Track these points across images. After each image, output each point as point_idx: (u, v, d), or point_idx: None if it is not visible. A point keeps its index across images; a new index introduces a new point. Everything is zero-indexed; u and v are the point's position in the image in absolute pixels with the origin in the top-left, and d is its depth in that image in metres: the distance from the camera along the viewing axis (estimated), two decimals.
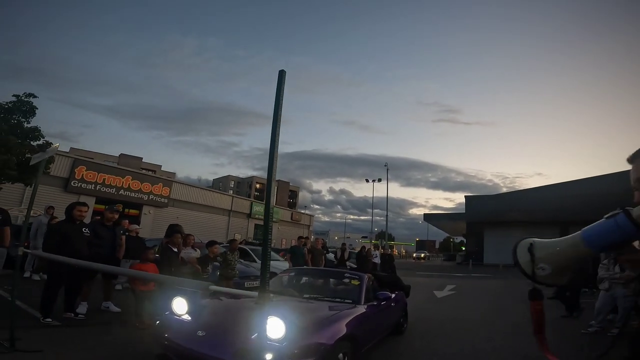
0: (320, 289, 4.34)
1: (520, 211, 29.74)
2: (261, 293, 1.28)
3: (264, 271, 1.29)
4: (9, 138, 9.56)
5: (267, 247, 1.33)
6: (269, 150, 1.41)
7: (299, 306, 3.18)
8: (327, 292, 4.12)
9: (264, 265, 1.32)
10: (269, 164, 1.36)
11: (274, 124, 1.37)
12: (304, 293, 3.90)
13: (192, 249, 5.73)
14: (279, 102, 1.40)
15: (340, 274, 4.75)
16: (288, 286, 4.25)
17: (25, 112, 10.64)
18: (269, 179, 1.34)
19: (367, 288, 4.02)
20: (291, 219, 37.70)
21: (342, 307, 3.37)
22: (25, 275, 7.12)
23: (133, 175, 23.50)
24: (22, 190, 17.11)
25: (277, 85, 1.42)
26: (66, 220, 4.28)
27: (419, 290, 11.27)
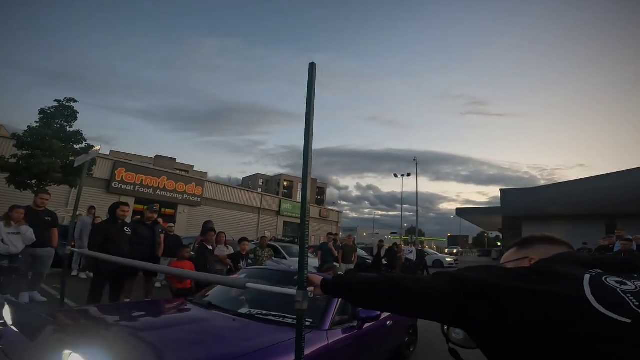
0: (272, 300, 2.82)
1: (562, 204, 28.11)
2: (299, 290, 1.26)
3: (301, 267, 1.28)
4: (53, 142, 10.16)
5: (305, 243, 1.32)
6: (303, 146, 1.40)
7: (194, 330, 2.15)
8: (282, 306, 2.65)
9: (302, 261, 1.31)
10: (304, 160, 1.34)
11: (307, 119, 1.36)
12: (246, 306, 2.72)
13: (225, 247, 5.91)
14: (311, 97, 1.38)
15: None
16: (229, 295, 2.99)
17: (67, 117, 11.25)
18: (305, 176, 1.33)
19: (343, 303, 2.72)
20: (319, 215, 37.85)
21: (285, 334, 2.08)
22: (73, 274, 7.55)
23: (168, 175, 24.48)
24: (67, 192, 18.34)
25: (308, 79, 1.40)
26: (109, 219, 4.51)
27: None
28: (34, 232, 4.72)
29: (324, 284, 1.20)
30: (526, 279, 0.75)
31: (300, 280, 1.32)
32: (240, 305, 2.69)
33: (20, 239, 4.61)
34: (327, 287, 1.18)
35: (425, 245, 23.96)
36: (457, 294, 0.77)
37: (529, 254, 0.94)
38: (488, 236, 71.39)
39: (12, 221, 4.57)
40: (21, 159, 10.20)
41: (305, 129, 1.40)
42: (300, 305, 1.30)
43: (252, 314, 2.49)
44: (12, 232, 4.56)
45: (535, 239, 0.98)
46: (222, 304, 2.71)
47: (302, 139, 1.41)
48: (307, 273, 1.32)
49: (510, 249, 1.02)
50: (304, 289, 1.30)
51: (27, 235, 4.64)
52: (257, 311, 2.54)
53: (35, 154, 9.92)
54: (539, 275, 0.75)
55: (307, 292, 1.29)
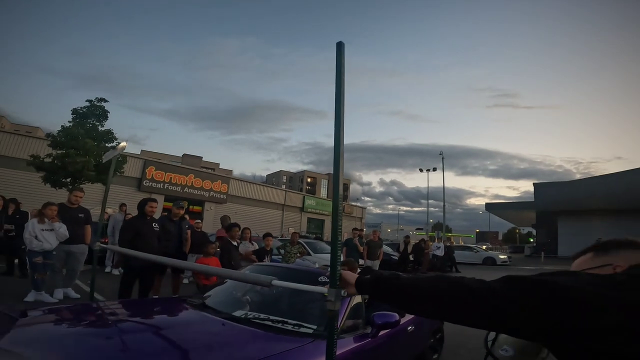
0: (274, 301, 2.57)
1: (601, 198, 26.41)
2: (331, 289, 1.12)
3: (333, 263, 1.14)
4: (86, 141, 10.55)
5: (337, 238, 1.18)
6: (330, 139, 1.24)
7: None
8: (283, 309, 2.43)
9: (334, 256, 1.17)
10: (334, 150, 1.19)
11: (337, 100, 1.20)
12: (247, 308, 2.40)
13: (250, 243, 5.88)
14: (341, 78, 1.21)
15: (310, 276, 2.71)
16: (232, 296, 2.69)
17: (98, 116, 11.64)
18: (336, 163, 1.18)
19: (355, 306, 2.36)
20: (343, 211, 37.45)
21: (278, 345, 1.80)
22: (107, 271, 7.76)
23: (195, 173, 25.09)
24: (102, 190, 19.14)
25: (337, 59, 1.23)
26: (139, 215, 4.55)
27: None
28: (67, 229, 4.81)
29: (359, 282, 1.05)
30: (629, 287, 0.66)
31: (332, 277, 1.17)
32: (240, 307, 2.35)
33: (54, 236, 4.70)
34: (364, 287, 1.02)
35: (453, 241, 22.78)
36: (545, 302, 0.67)
37: (613, 260, 0.82)
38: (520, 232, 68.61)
39: (45, 218, 4.65)
40: (56, 158, 10.67)
41: (335, 113, 1.23)
42: (332, 305, 1.14)
43: (247, 317, 2.15)
44: (46, 229, 4.65)
45: (621, 243, 0.84)
46: (220, 305, 2.41)
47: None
48: (340, 270, 1.16)
49: (584, 255, 0.90)
50: (336, 287, 1.14)
51: (61, 232, 4.71)
52: (256, 315, 2.18)
53: (69, 153, 10.34)
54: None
55: (340, 290, 1.14)
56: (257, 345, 1.77)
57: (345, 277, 1.12)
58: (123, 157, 12.58)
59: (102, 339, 1.73)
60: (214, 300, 2.56)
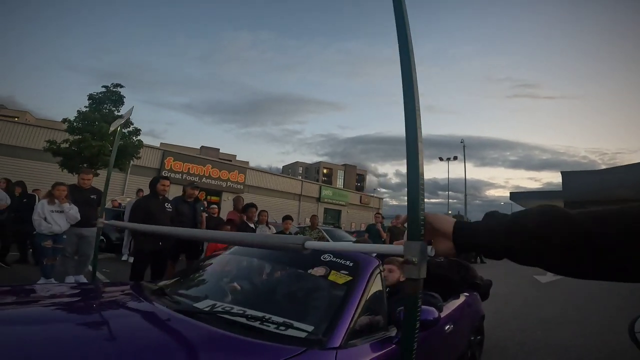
0: (266, 291, 1.92)
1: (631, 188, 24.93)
2: (410, 241, 0.71)
3: (414, 204, 0.75)
4: (102, 125, 10.51)
5: (418, 167, 0.78)
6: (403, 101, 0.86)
7: None
8: (276, 302, 1.76)
9: (414, 194, 0.78)
10: (406, 125, 0.79)
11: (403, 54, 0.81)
12: (223, 297, 1.77)
13: (266, 227, 5.57)
14: (406, 32, 0.83)
15: (314, 254, 1.90)
16: (205, 279, 2.08)
17: (114, 102, 11.62)
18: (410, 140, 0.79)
19: (372, 296, 1.75)
20: (360, 202, 37.15)
21: (242, 356, 1.22)
22: (123, 259, 7.62)
23: (212, 163, 25.18)
24: (122, 180, 19.42)
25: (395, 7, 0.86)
26: (150, 195, 4.31)
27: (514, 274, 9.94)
28: (79, 211, 4.60)
29: (459, 229, 0.65)
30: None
31: (413, 223, 0.73)
32: (215, 297, 1.70)
33: (64, 218, 4.47)
34: (472, 236, 0.63)
35: None
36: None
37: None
38: None
39: (55, 199, 4.43)
40: (72, 143, 10.67)
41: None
42: (415, 270, 0.69)
43: (214, 311, 1.51)
44: (55, 210, 4.43)
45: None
46: (186, 293, 1.84)
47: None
48: (424, 212, 0.74)
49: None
50: (419, 238, 0.71)
51: (71, 214, 4.48)
52: (228, 307, 1.55)
53: (85, 137, 10.32)
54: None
55: (426, 245, 0.70)
56: (201, 354, 1.16)
57: (434, 223, 0.70)
58: (139, 142, 12.52)
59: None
60: (183, 286, 1.95)
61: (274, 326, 1.36)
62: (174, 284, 1.98)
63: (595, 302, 6.26)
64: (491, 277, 3.36)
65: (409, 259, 0.69)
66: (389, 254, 0.69)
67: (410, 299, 0.78)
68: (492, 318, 4.64)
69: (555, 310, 5.44)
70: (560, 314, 5.15)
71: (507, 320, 4.64)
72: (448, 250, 0.68)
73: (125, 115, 3.29)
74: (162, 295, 1.74)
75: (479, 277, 3.11)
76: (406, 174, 0.76)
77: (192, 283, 2.00)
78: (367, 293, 1.59)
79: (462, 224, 0.66)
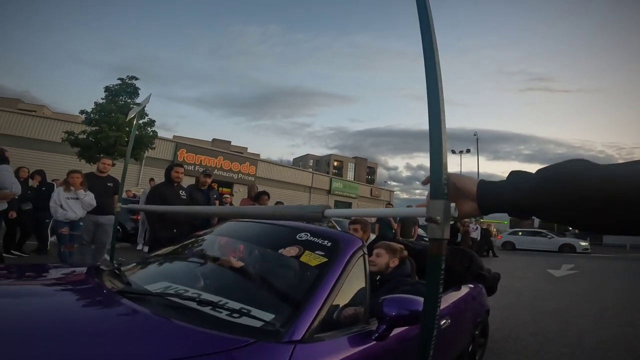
0: (221, 270, 1.68)
1: None
2: (434, 200, 0.71)
3: (436, 162, 0.74)
4: (119, 116, 10.75)
5: (442, 124, 0.78)
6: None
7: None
8: (228, 284, 1.56)
9: (437, 152, 0.76)
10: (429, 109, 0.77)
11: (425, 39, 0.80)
12: (192, 282, 1.52)
13: None
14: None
15: (288, 233, 1.73)
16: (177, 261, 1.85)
17: (130, 93, 11.86)
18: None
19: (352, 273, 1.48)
20: (370, 194, 37.03)
21: (170, 344, 1.00)
22: (138, 248, 7.76)
23: (224, 155, 25.44)
24: (137, 171, 19.79)
25: None
26: (165, 182, 4.38)
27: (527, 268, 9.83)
28: (95, 199, 4.62)
29: (483, 188, 0.63)
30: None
31: (436, 182, 0.71)
32: (179, 281, 1.48)
33: (80, 205, 4.53)
34: (497, 196, 0.62)
35: (495, 230, 20.85)
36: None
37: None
38: None
39: (70, 186, 4.49)
40: (90, 134, 10.93)
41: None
42: (439, 230, 0.68)
43: (163, 294, 1.32)
44: (71, 197, 4.49)
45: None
46: (144, 275, 1.65)
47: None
48: (447, 172, 0.71)
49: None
50: (442, 197, 0.69)
51: (86, 200, 4.53)
52: (183, 291, 1.35)
53: (103, 128, 10.56)
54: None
55: (449, 204, 0.68)
56: (114, 337, 0.98)
57: (457, 183, 0.69)
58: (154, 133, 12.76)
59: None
60: (146, 267, 1.75)
61: (227, 313, 1.16)
62: (139, 265, 1.80)
63: (612, 296, 6.14)
64: (504, 271, 3.29)
65: (432, 217, 0.68)
66: (412, 215, 0.67)
67: (434, 258, 0.73)
68: (505, 310, 4.61)
69: (570, 302, 5.36)
70: (574, 307, 5.07)
71: (520, 312, 4.60)
72: (472, 211, 0.67)
73: (143, 102, 3.33)
74: (115, 276, 1.56)
75: (486, 268, 2.89)
76: (428, 131, 0.74)
77: (156, 264, 1.80)
78: (344, 278, 1.35)
79: (486, 183, 0.65)
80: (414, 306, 1.24)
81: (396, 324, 1.25)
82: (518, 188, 0.59)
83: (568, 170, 0.54)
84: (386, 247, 2.16)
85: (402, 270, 2.11)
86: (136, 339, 0.99)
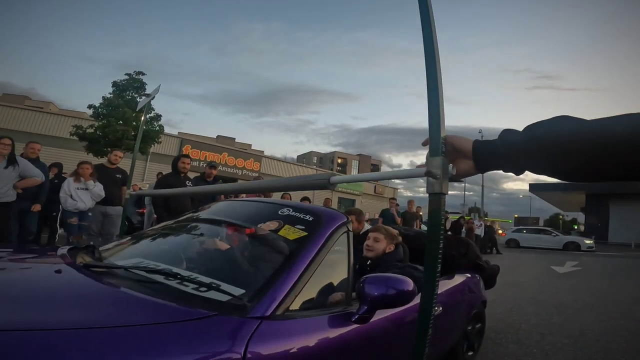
0: (195, 246, 1.59)
1: None
2: (432, 157, 0.75)
3: (434, 118, 0.79)
4: (126, 111, 10.92)
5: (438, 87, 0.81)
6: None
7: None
8: (200, 259, 1.46)
9: (435, 108, 0.81)
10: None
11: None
12: (159, 255, 1.49)
13: None
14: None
15: (269, 209, 1.69)
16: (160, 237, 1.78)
17: (137, 88, 12.04)
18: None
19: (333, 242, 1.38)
20: (374, 192, 36.99)
21: (131, 313, 0.95)
22: None
23: (229, 152, 25.60)
24: (142, 167, 19.96)
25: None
26: (172, 173, 4.46)
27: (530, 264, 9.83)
28: (104, 189, 4.70)
29: (478, 145, 0.68)
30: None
31: (434, 139, 0.75)
32: (155, 256, 1.44)
33: (89, 195, 4.61)
34: (492, 152, 0.66)
35: (498, 226, 20.68)
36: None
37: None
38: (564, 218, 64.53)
39: (80, 177, 4.57)
40: (98, 128, 11.10)
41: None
42: (437, 185, 0.72)
43: (129, 267, 1.26)
44: (80, 188, 4.57)
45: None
46: (123, 251, 1.61)
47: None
48: (445, 133, 0.75)
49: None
50: (442, 154, 0.72)
51: (95, 191, 4.61)
52: (153, 266, 1.28)
53: (110, 122, 10.72)
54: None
55: (447, 161, 0.72)
56: (71, 307, 0.93)
57: (454, 143, 0.73)
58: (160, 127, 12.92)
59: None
60: (123, 246, 1.71)
61: (194, 287, 1.11)
62: (119, 245, 1.76)
63: (615, 291, 6.14)
64: (507, 268, 3.29)
65: (431, 171, 0.72)
66: (411, 176, 0.66)
67: (435, 214, 0.75)
68: (507, 302, 4.65)
69: (572, 297, 5.37)
70: (577, 301, 5.09)
71: (522, 305, 4.63)
72: (469, 169, 0.71)
73: (152, 93, 3.40)
74: (89, 253, 1.52)
75: (484, 260, 2.80)
76: (426, 89, 0.78)
77: (135, 243, 1.73)
78: (323, 254, 1.27)
79: (480, 141, 0.70)
80: (400, 286, 1.15)
81: (379, 305, 1.16)
82: (508, 143, 0.64)
83: (552, 125, 0.59)
84: (385, 232, 2.09)
85: (395, 255, 2.05)
86: (82, 306, 0.94)
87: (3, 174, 3.73)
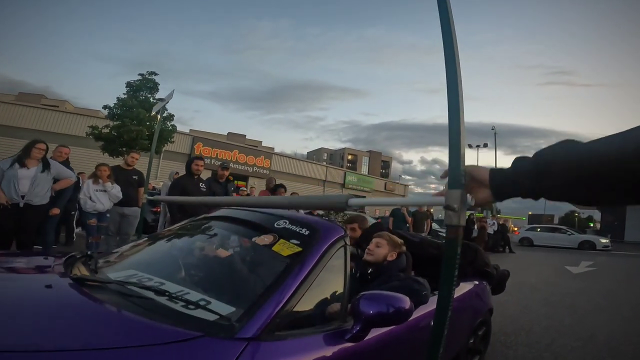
0: (191, 260, 1.59)
1: None
2: (452, 190, 0.79)
3: (455, 153, 0.84)
4: (140, 111, 11.14)
5: (459, 120, 0.85)
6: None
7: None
8: (195, 274, 1.48)
9: (455, 144, 0.85)
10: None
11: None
12: (154, 268, 1.48)
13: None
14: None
15: (266, 221, 1.60)
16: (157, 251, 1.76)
17: (150, 89, 12.25)
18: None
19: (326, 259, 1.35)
20: (385, 188, 36.85)
21: (109, 335, 0.94)
22: None
23: (239, 149, 25.81)
24: (156, 165, 20.31)
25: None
26: (186, 174, 4.56)
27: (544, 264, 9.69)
28: (121, 191, 4.80)
29: (494, 174, 0.71)
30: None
31: (454, 172, 0.78)
32: (151, 271, 1.39)
33: (107, 197, 4.74)
34: (511, 182, 0.68)
35: (512, 225, 20.32)
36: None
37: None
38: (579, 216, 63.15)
39: (98, 179, 4.69)
40: (113, 128, 11.35)
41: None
42: (455, 217, 0.76)
43: (122, 282, 1.24)
44: (99, 190, 4.70)
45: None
46: (117, 263, 1.58)
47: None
48: (465, 164, 0.78)
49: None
50: (460, 187, 0.76)
51: (113, 193, 4.74)
52: (146, 280, 1.28)
53: (125, 122, 10.95)
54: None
55: (466, 194, 0.76)
56: (54, 323, 0.95)
57: (473, 173, 0.76)
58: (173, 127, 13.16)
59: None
60: (121, 256, 1.67)
61: (182, 304, 1.08)
62: (115, 254, 1.73)
63: (630, 293, 6.04)
64: (520, 267, 3.29)
65: (450, 205, 0.76)
66: (432, 204, 0.71)
67: (450, 242, 0.79)
68: (518, 304, 4.63)
69: (586, 299, 5.32)
70: (589, 303, 5.03)
71: (533, 306, 4.61)
72: (487, 197, 0.74)
73: (166, 98, 3.48)
74: (86, 264, 1.49)
75: (492, 265, 2.72)
76: (448, 122, 0.81)
77: (131, 253, 1.70)
78: (317, 271, 1.24)
79: (496, 170, 0.73)
80: (396, 304, 1.13)
81: (373, 323, 1.14)
82: (519, 170, 0.67)
83: (558, 149, 0.62)
84: (388, 239, 2.06)
85: (397, 264, 1.99)
86: (67, 327, 0.94)
87: (41, 178, 3.86)
